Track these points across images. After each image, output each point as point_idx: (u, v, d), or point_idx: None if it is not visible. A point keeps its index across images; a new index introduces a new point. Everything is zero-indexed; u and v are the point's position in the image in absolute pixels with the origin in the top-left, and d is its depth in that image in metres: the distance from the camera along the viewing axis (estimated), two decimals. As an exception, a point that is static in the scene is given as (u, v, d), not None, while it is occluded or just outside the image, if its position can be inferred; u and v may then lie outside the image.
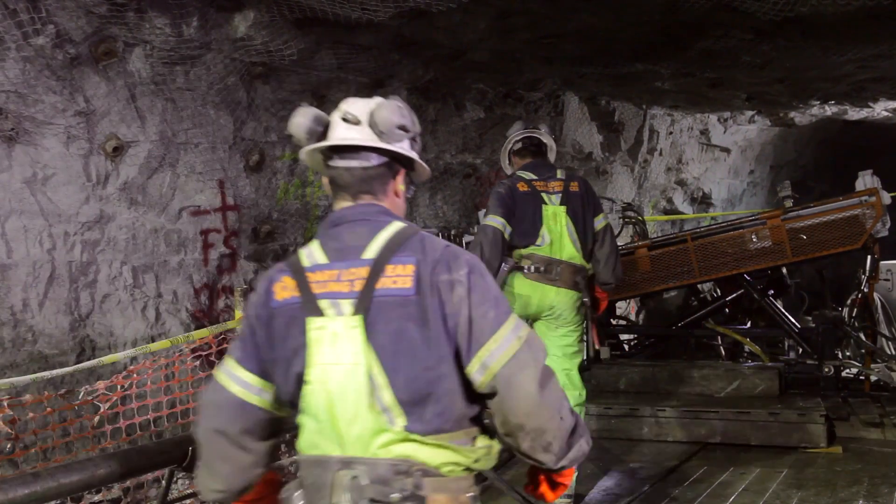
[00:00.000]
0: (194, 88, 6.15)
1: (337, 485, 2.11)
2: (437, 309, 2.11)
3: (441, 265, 2.14)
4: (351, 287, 2.14)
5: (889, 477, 5.76)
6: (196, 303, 6.53)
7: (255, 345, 2.26)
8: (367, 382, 2.09)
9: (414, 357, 2.09)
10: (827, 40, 7.13)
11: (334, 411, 2.11)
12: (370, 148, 2.29)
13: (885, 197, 7.84)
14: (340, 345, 2.11)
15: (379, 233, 2.21)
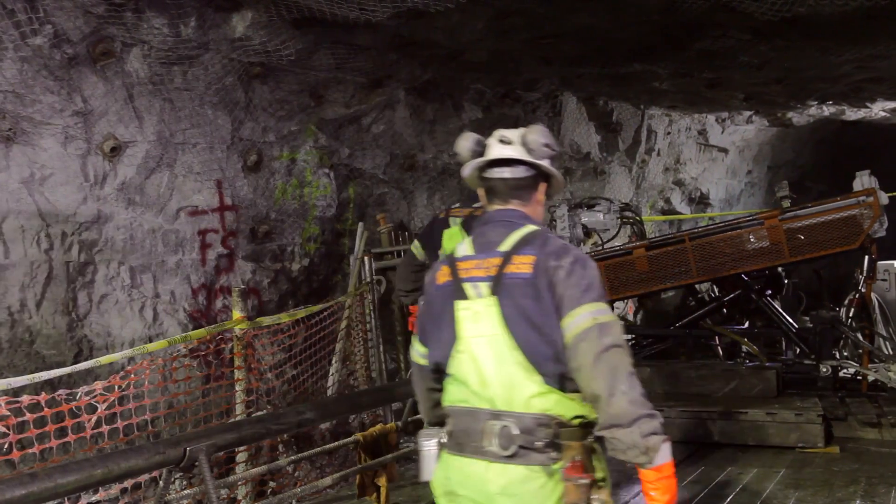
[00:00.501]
0: (192, 88, 6.14)
1: (487, 432, 2.63)
2: (547, 288, 2.62)
3: (553, 255, 2.66)
4: (487, 272, 2.72)
5: (886, 477, 5.77)
6: (194, 303, 6.52)
7: (423, 322, 2.92)
8: (503, 348, 2.62)
9: (532, 325, 2.62)
10: (825, 41, 7.13)
11: (482, 374, 2.65)
12: (521, 162, 2.82)
13: (882, 197, 7.85)
14: (481, 321, 2.68)
15: (514, 232, 2.76)
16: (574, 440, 2.62)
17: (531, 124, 2.91)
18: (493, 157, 2.84)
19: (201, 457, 3.38)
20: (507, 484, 2.62)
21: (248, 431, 3.91)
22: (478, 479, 2.67)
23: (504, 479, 2.62)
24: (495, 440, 2.61)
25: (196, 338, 5.52)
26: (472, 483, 2.69)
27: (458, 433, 2.71)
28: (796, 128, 13.43)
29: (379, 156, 8.08)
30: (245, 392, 5.74)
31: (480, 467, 2.66)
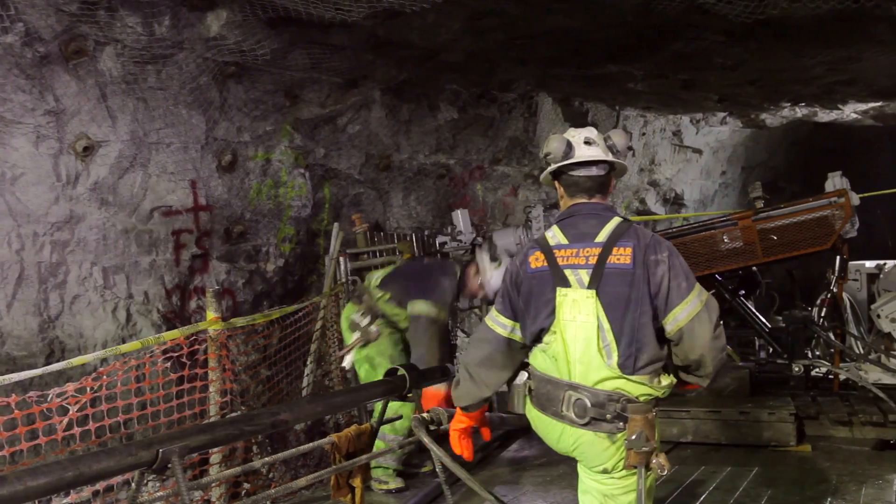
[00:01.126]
0: (166, 88, 6.10)
1: (566, 401, 3.17)
2: (645, 279, 3.12)
3: (650, 248, 3.16)
4: (586, 261, 3.18)
5: (857, 474, 5.83)
6: (167, 304, 6.48)
7: (510, 300, 3.40)
8: (595, 332, 3.12)
9: (626, 312, 3.10)
10: (797, 43, 7.19)
11: (567, 352, 3.17)
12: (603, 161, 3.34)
13: (853, 198, 7.92)
14: (578, 307, 3.16)
15: (606, 224, 3.24)
16: (639, 414, 3.09)
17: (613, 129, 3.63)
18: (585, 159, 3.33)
19: (174, 458, 3.35)
20: (577, 443, 3.23)
21: (222, 433, 3.87)
22: (555, 434, 3.30)
23: (574, 439, 3.23)
24: (572, 409, 3.17)
25: (169, 339, 5.49)
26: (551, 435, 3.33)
27: (541, 396, 3.29)
28: (769, 129, 13.53)
29: (354, 156, 8.06)
30: (219, 393, 5.71)
31: (558, 427, 3.26)
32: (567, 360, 3.17)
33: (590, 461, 3.24)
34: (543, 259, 3.28)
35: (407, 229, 8.96)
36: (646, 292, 3.12)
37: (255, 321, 6.33)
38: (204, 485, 4.88)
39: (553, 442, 3.34)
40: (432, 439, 4.78)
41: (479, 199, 10.00)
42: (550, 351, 3.23)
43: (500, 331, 3.43)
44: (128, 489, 4.74)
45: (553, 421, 3.26)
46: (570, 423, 3.20)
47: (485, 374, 3.48)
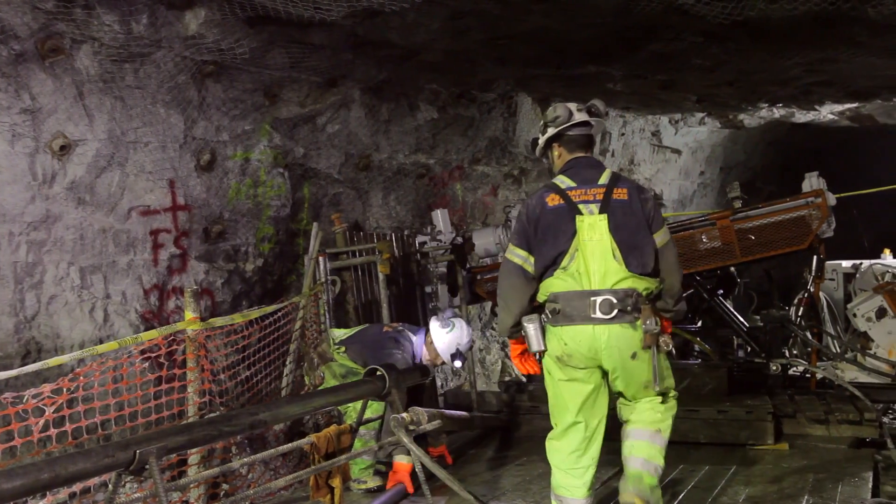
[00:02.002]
0: (144, 87, 6.07)
1: (592, 305, 4.06)
2: (641, 211, 4.24)
3: (639, 189, 4.35)
4: (594, 198, 4.19)
5: (833, 472, 5.88)
6: (145, 304, 6.44)
7: (526, 235, 4.28)
8: (609, 246, 4.10)
9: (629, 231, 4.16)
10: (775, 44, 7.24)
11: (588, 266, 4.11)
12: (589, 123, 4.43)
13: (830, 198, 7.98)
14: (594, 229, 4.12)
15: (603, 172, 4.34)
16: (646, 304, 4.15)
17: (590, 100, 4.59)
18: (583, 119, 4.43)
19: (151, 459, 3.34)
20: (610, 336, 4.09)
21: (200, 433, 3.86)
22: (588, 337, 4.11)
23: (607, 334, 4.09)
24: (599, 310, 4.05)
25: (147, 339, 5.45)
26: (583, 341, 4.13)
27: (568, 310, 4.12)
28: (747, 130, 13.63)
29: (334, 155, 8.04)
30: (197, 394, 5.68)
31: (588, 330, 4.10)
32: (587, 272, 4.11)
33: (623, 352, 4.14)
34: (559, 198, 4.24)
35: (386, 229, 8.95)
36: (642, 217, 4.23)
37: (234, 321, 6.31)
38: (182, 486, 4.86)
39: (584, 346, 4.14)
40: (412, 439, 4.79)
41: (459, 198, 10.00)
42: (571, 269, 4.14)
43: (517, 261, 4.29)
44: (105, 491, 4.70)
45: (584, 326, 4.11)
46: (600, 322, 4.08)
47: (511, 298, 4.33)
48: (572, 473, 4.37)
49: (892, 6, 5.76)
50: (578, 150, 4.43)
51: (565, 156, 4.46)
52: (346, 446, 4.86)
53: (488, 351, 10.86)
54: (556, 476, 4.45)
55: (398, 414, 4.98)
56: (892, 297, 8.47)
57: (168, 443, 3.57)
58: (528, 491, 5.81)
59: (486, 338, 10.91)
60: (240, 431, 4.38)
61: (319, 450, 4.65)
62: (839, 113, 11.94)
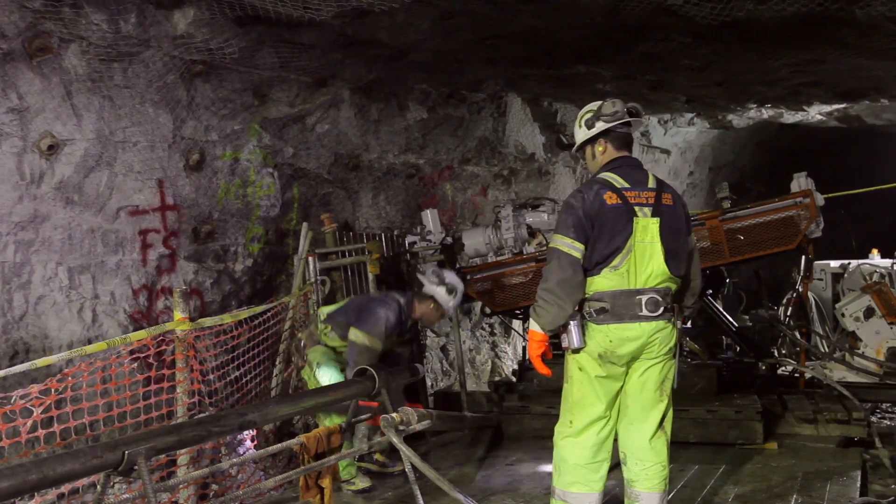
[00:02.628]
0: (132, 86, 6.04)
1: (639, 304, 4.24)
2: (682, 215, 4.47)
3: (678, 196, 4.51)
4: (647, 201, 4.32)
5: (822, 471, 5.91)
6: (134, 304, 6.41)
7: (584, 229, 4.24)
8: (659, 248, 4.26)
9: (674, 235, 4.34)
10: (763, 44, 7.26)
11: (637, 265, 4.25)
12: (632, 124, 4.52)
13: (818, 198, 8.01)
14: (647, 231, 4.27)
15: (648, 175, 4.44)
16: (677, 304, 4.49)
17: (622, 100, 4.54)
18: (632, 118, 4.48)
19: (140, 460, 3.33)
20: (654, 331, 4.27)
21: (189, 434, 3.85)
22: (634, 334, 4.26)
23: (652, 328, 4.27)
24: (645, 308, 4.24)
25: (136, 339, 5.43)
26: (629, 337, 4.26)
27: (617, 307, 4.25)
28: (736, 130, 13.67)
29: (323, 155, 8.03)
30: (186, 394, 5.66)
31: (636, 327, 4.25)
32: (636, 272, 4.25)
33: (662, 347, 4.34)
34: (617, 198, 4.29)
35: (376, 229, 8.94)
36: (683, 223, 4.47)
37: (224, 321, 6.29)
38: (171, 486, 4.84)
39: (630, 342, 4.27)
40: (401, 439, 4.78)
41: (449, 198, 10.00)
42: (622, 269, 4.24)
43: (577, 254, 4.23)
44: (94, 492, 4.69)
45: (631, 324, 4.26)
46: (647, 319, 4.26)
47: (568, 292, 4.23)
48: (592, 468, 4.36)
49: (879, 7, 5.78)
50: (624, 147, 4.50)
51: (611, 152, 4.48)
52: (336, 446, 4.85)
53: (478, 351, 10.86)
54: (574, 473, 4.37)
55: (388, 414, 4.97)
56: (880, 297, 8.50)
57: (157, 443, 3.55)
58: (518, 491, 5.82)
59: (475, 338, 10.91)
60: (229, 432, 4.37)
61: (309, 450, 4.64)
62: (827, 114, 11.99)
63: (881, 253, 13.27)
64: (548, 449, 6.72)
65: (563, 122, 11.04)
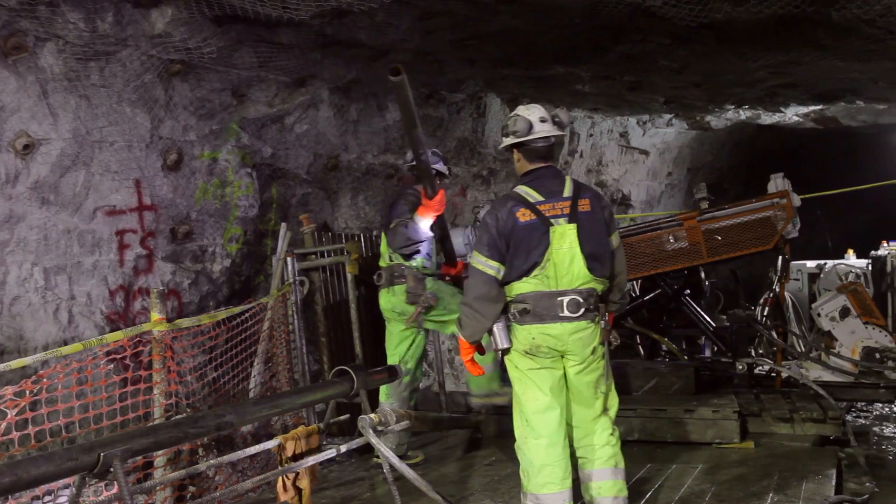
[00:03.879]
0: (109, 85, 6.00)
1: (560, 305, 4.40)
2: (602, 218, 4.58)
3: (598, 198, 4.67)
4: (562, 211, 4.46)
5: (798, 470, 5.95)
6: (111, 305, 6.37)
7: (497, 248, 4.44)
8: (578, 253, 4.41)
9: (593, 239, 4.49)
10: (741, 46, 7.32)
11: (557, 270, 4.41)
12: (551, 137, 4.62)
13: (795, 199, 8.08)
14: (564, 238, 4.41)
15: (565, 182, 4.55)
16: (602, 304, 4.57)
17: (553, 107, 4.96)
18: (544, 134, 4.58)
19: (116, 462, 3.30)
20: (575, 330, 4.42)
21: (166, 435, 3.83)
22: (555, 333, 4.42)
23: (573, 328, 4.42)
24: (567, 309, 4.40)
25: (112, 340, 5.39)
26: (551, 335, 4.43)
27: (539, 309, 4.42)
28: (714, 131, 13.75)
29: (302, 156, 8.01)
30: (164, 395, 5.63)
31: (557, 327, 4.42)
32: (556, 276, 4.41)
33: (584, 347, 4.47)
34: (531, 213, 4.44)
35: (355, 230, 8.92)
36: (603, 225, 4.59)
37: (201, 322, 6.26)
38: (147, 489, 4.81)
39: (553, 341, 4.44)
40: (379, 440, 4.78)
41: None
42: (542, 275, 4.42)
43: (491, 272, 4.43)
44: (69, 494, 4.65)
45: (553, 324, 4.42)
46: (568, 319, 4.41)
47: (486, 308, 4.46)
48: (559, 466, 4.47)
49: (854, 9, 5.85)
50: (539, 160, 4.59)
51: (525, 165, 4.63)
52: (314, 447, 4.83)
53: (457, 351, 10.86)
54: (543, 475, 4.47)
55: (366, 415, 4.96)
56: (855, 297, 8.57)
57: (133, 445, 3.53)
58: (497, 491, 5.83)
59: (455, 339, 10.91)
60: (206, 433, 4.35)
61: (287, 451, 4.62)
62: (804, 115, 12.09)
63: (857, 253, 13.41)
64: (526, 449, 6.75)
65: (542, 123, 11.05)
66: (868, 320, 8.36)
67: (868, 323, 8.34)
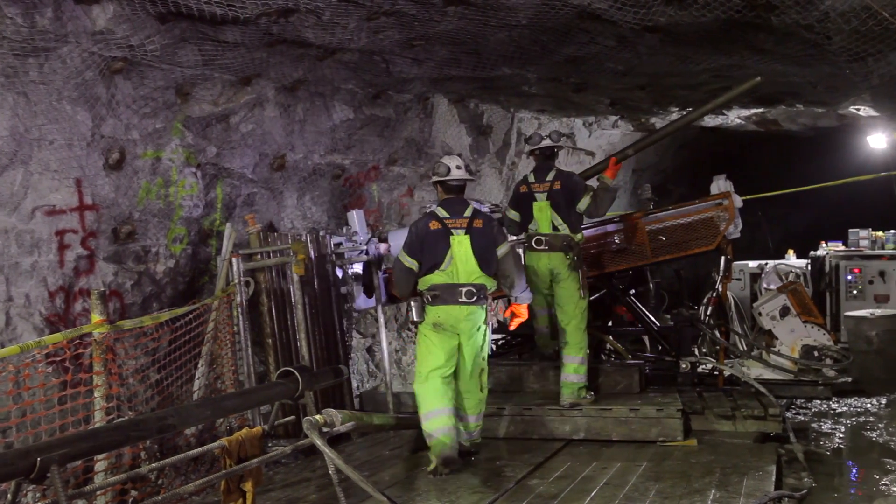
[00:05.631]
0: (49, 82, 5.89)
1: (460, 293, 6.22)
2: (490, 233, 6.39)
3: (488, 219, 6.50)
4: (461, 225, 6.28)
5: (739, 466, 6.05)
6: (51, 306, 6.24)
7: (414, 247, 6.32)
8: (472, 256, 6.23)
9: (482, 247, 6.29)
10: (684, 49, 7.42)
11: (458, 267, 6.23)
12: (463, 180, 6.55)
13: (737, 200, 8.22)
14: (461, 245, 6.23)
15: (467, 208, 6.39)
16: (490, 294, 6.41)
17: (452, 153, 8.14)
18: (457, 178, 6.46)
19: (53, 467, 3.24)
20: (469, 312, 6.28)
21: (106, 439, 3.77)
22: (456, 313, 6.27)
23: (468, 312, 6.27)
24: (464, 296, 6.23)
25: (51, 343, 5.29)
26: (453, 315, 6.27)
27: (445, 295, 6.25)
28: (659, 133, 13.89)
29: (248, 155, 7.93)
30: (105, 398, 5.53)
31: (457, 308, 6.26)
32: (457, 272, 6.27)
33: (474, 324, 6.32)
34: (439, 224, 6.32)
35: (301, 230, 8.86)
36: (491, 238, 6.39)
37: (144, 324, 6.17)
38: (87, 493, 4.72)
39: (452, 318, 6.27)
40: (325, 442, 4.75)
41: (375, 199, 9.97)
42: (448, 270, 6.27)
43: (409, 265, 6.37)
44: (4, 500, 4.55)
45: (455, 306, 6.26)
46: (464, 304, 6.26)
47: (404, 288, 6.53)
48: (441, 395, 6.29)
49: (793, 15, 5.96)
50: (452, 192, 6.51)
51: (443, 194, 6.53)
52: (259, 449, 4.79)
53: (404, 352, 10.85)
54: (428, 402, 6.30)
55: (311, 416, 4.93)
56: (795, 297, 8.75)
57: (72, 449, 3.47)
58: (444, 491, 5.83)
59: (402, 339, 10.90)
60: (148, 436, 4.30)
61: (231, 453, 4.58)
62: (746, 118, 12.30)
63: (797, 253, 13.69)
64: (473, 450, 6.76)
65: (489, 124, 11.11)
66: (807, 319, 8.54)
67: (807, 322, 8.52)
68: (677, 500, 5.38)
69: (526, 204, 7.49)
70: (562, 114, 11.86)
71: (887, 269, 12.12)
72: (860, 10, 5.71)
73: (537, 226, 7.39)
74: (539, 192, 7.41)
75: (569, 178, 7.50)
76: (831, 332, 9.00)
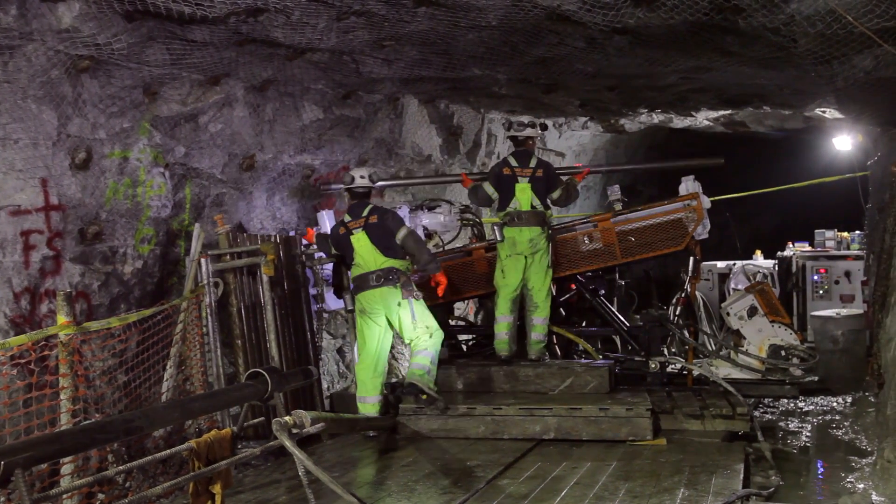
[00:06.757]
0: (13, 81, 5.82)
1: (370, 278, 7.28)
2: (385, 224, 7.39)
3: (384, 212, 7.53)
4: (359, 225, 7.38)
5: (708, 465, 6.10)
6: (15, 308, 6.17)
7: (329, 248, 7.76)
8: (372, 247, 7.32)
9: (379, 237, 7.33)
10: (653, 51, 7.46)
11: (364, 259, 7.33)
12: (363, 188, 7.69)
13: (705, 201, 8.29)
14: (360, 240, 7.35)
15: (366, 208, 7.47)
16: (402, 275, 7.30)
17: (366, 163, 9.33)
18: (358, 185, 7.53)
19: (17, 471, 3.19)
20: (381, 294, 7.26)
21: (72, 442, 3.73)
22: (369, 296, 7.27)
23: (380, 293, 7.27)
24: (374, 280, 7.23)
25: (16, 345, 5.22)
26: (371, 298, 7.27)
27: (360, 282, 7.29)
28: (628, 134, 14.00)
29: (217, 155, 7.88)
30: (71, 401, 5.47)
31: (370, 292, 7.25)
32: (364, 262, 7.28)
33: (391, 301, 7.25)
34: (344, 228, 7.40)
35: (271, 230, 8.82)
36: (386, 228, 7.31)
37: (111, 325, 6.10)
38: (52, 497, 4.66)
39: (370, 302, 7.29)
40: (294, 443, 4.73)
41: (345, 200, 9.94)
42: (357, 263, 7.31)
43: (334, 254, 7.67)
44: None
45: (369, 291, 7.26)
46: (376, 287, 7.24)
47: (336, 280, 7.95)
48: (372, 381, 7.38)
49: (760, 18, 6.01)
50: (357, 198, 7.57)
51: (349, 201, 7.71)
52: (228, 451, 4.76)
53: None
54: (363, 387, 7.41)
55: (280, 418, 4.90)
56: (763, 297, 8.82)
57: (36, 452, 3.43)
58: (414, 491, 5.82)
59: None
60: (115, 439, 4.25)
61: (199, 456, 4.54)
62: (714, 119, 12.40)
63: (764, 254, 13.83)
64: (443, 450, 6.79)
65: (459, 125, 11.11)
66: (774, 319, 8.62)
67: (774, 321, 8.60)
68: (647, 499, 5.41)
69: (507, 185, 8.25)
70: (532, 114, 11.87)
71: (853, 269, 12.28)
72: (825, 13, 5.76)
73: (518, 204, 8.15)
74: (522, 175, 8.24)
75: (549, 168, 8.47)
76: (798, 332, 9.09)
